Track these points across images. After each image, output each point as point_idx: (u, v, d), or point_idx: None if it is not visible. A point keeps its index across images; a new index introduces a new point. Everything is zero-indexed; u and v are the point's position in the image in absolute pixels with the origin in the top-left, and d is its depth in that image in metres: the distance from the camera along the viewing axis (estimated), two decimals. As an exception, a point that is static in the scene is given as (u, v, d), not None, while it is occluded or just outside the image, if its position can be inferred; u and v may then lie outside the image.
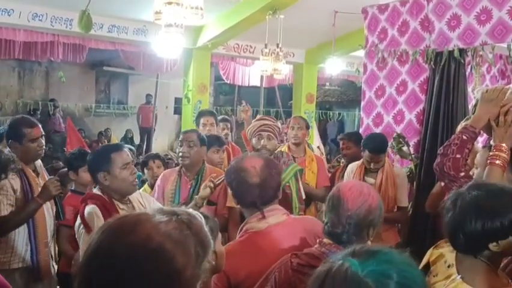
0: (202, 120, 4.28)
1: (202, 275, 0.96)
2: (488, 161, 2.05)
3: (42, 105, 11.17)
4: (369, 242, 1.66)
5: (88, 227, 2.19)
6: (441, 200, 2.84)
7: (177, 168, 3.28)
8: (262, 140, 3.17)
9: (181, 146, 3.12)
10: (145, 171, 3.99)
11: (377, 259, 0.95)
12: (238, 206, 2.14)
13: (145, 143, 12.62)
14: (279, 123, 3.38)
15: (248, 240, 1.92)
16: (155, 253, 0.89)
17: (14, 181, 2.71)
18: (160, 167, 3.89)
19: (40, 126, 2.96)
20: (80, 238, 2.25)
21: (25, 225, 2.77)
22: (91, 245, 0.93)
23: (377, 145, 3.51)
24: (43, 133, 2.98)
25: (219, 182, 2.73)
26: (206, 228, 1.01)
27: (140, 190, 3.03)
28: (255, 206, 1.92)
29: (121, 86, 13.82)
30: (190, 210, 1.03)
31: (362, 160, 3.64)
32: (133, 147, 5.22)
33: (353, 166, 3.70)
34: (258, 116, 3.55)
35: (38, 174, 2.97)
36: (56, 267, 3.03)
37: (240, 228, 2.01)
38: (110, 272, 0.88)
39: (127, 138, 12.79)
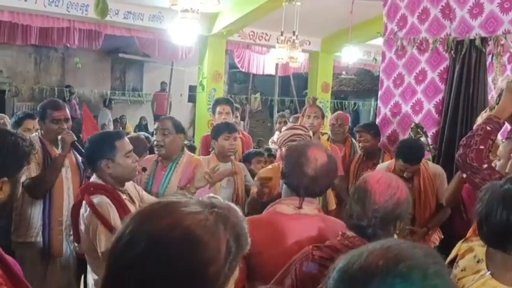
0: (218, 109, 4.25)
1: (231, 276, 0.92)
2: None
3: (58, 91, 11.24)
4: (395, 236, 1.62)
5: (103, 218, 2.17)
6: (459, 194, 2.81)
7: (155, 155, 3.21)
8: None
9: (155, 134, 3.07)
10: None
11: None
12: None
13: (159, 130, 12.66)
14: (311, 132, 3.20)
15: (272, 218, 1.92)
16: (179, 241, 0.86)
17: (37, 155, 2.85)
18: None
19: (66, 111, 3.11)
20: (93, 228, 2.19)
21: (41, 201, 2.93)
22: (122, 230, 0.92)
23: (414, 154, 3.20)
24: (67, 117, 3.08)
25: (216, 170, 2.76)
26: (245, 225, 0.96)
27: None
28: (297, 192, 1.90)
29: (136, 74, 13.84)
30: (233, 205, 0.98)
31: (390, 162, 3.48)
32: (149, 135, 5.18)
33: (382, 168, 3.51)
34: (289, 125, 3.47)
35: None
36: (73, 248, 3.05)
37: (270, 205, 2.00)
38: (134, 253, 0.86)
39: (142, 126, 12.84)
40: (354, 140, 4.40)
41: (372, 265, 0.83)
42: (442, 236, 3.46)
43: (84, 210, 2.25)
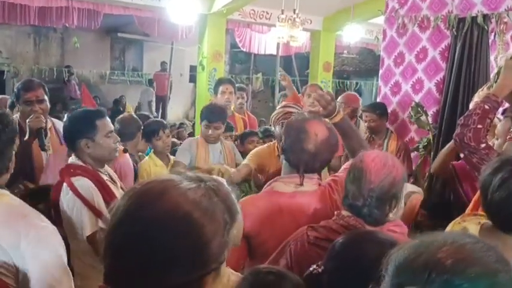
0: (221, 88, 4.22)
1: (230, 242, 0.95)
2: (509, 136, 1.97)
3: (58, 71, 11.19)
4: (390, 215, 1.61)
5: (86, 201, 2.11)
6: (448, 164, 2.78)
7: None
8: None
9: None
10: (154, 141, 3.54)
11: None
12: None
13: (160, 112, 12.63)
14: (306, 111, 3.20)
15: (269, 196, 1.91)
16: (183, 221, 0.88)
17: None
18: (169, 136, 3.60)
19: (40, 91, 2.91)
20: (76, 212, 2.13)
21: None
22: (117, 211, 0.91)
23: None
24: (40, 98, 2.90)
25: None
26: (233, 195, 0.99)
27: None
28: (297, 169, 1.88)
29: (135, 53, 13.76)
30: (216, 176, 1.02)
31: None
32: (149, 114, 5.11)
33: None
34: (283, 103, 3.42)
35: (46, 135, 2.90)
36: None
37: (269, 183, 1.99)
38: (137, 239, 0.87)
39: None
40: (361, 120, 4.34)
41: (440, 263, 0.79)
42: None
43: (65, 193, 2.17)
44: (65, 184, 2.17)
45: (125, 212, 0.90)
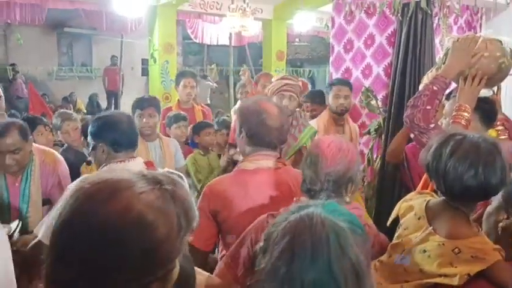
0: (183, 82, 4.12)
1: (183, 248, 0.92)
2: (452, 120, 2.05)
3: (1, 70, 10.70)
4: (347, 198, 1.64)
5: None
6: (403, 150, 2.88)
7: None
8: (284, 100, 3.00)
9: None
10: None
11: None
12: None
13: (112, 107, 12.32)
14: (300, 82, 3.18)
15: (235, 174, 1.99)
16: (134, 224, 0.83)
17: None
18: None
19: None
20: None
21: None
22: (64, 211, 0.85)
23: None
24: None
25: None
26: (192, 199, 0.94)
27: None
28: (271, 145, 1.98)
29: (84, 48, 13.35)
30: (176, 177, 0.95)
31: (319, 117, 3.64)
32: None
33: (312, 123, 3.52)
34: (280, 75, 3.39)
35: None
36: None
37: (237, 165, 2.07)
38: (84, 241, 0.82)
39: (94, 103, 12.46)
40: None
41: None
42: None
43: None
44: None
45: (71, 213, 0.85)
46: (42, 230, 2.05)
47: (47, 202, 2.73)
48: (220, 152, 3.88)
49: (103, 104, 12.66)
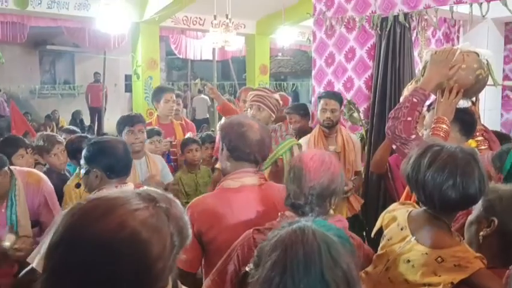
0: (165, 96, 4.07)
1: (175, 267, 0.92)
2: (431, 132, 2.09)
3: (-17, 89, 10.59)
4: (331, 211, 1.65)
5: None
6: (387, 161, 2.92)
7: None
8: (253, 110, 3.02)
9: None
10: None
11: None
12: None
13: (96, 124, 12.23)
14: (276, 95, 3.19)
15: (219, 194, 1.95)
16: (128, 241, 0.83)
17: None
18: None
19: None
20: None
21: None
22: (59, 227, 0.86)
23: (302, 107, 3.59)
24: None
25: None
26: (186, 218, 0.96)
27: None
28: (252, 160, 1.96)
29: (66, 65, 13.28)
30: (171, 196, 0.97)
31: (310, 134, 3.58)
32: (77, 129, 4.80)
33: (304, 141, 3.55)
34: (258, 87, 3.41)
35: None
36: None
37: (219, 184, 2.02)
38: (78, 258, 0.82)
39: (77, 120, 12.35)
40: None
41: None
42: (363, 201, 3.58)
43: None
44: None
45: (67, 229, 0.86)
46: (37, 258, 2.02)
47: (37, 224, 2.69)
48: (209, 166, 3.88)
49: (87, 121, 12.57)
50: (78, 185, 2.57)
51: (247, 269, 1.18)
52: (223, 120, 2.91)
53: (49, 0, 6.80)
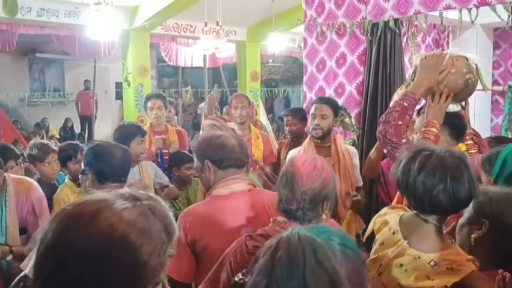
0: (149, 104, 4.07)
1: (167, 261, 0.92)
2: (421, 136, 2.10)
3: (-29, 97, 10.50)
4: (323, 216, 1.64)
5: None
6: (379, 166, 2.92)
7: None
8: None
9: None
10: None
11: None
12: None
13: (86, 132, 12.14)
14: (231, 123, 3.21)
15: (210, 202, 1.97)
16: (119, 244, 0.83)
17: None
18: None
19: None
20: None
21: None
22: (47, 236, 0.84)
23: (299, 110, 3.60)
24: None
25: None
26: (170, 214, 0.96)
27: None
28: (239, 164, 2.00)
29: (56, 73, 13.19)
30: (152, 194, 0.97)
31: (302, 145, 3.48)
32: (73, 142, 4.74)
33: (295, 152, 3.26)
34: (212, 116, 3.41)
35: None
36: None
37: (208, 193, 2.04)
38: (69, 265, 0.81)
39: (67, 128, 12.26)
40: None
41: None
42: (364, 226, 3.15)
43: None
44: None
45: (56, 236, 0.84)
46: (30, 265, 1.99)
47: (24, 231, 2.67)
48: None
49: (77, 129, 12.48)
50: (83, 171, 2.51)
51: (236, 279, 1.17)
52: (193, 141, 2.78)
53: (39, 7, 6.78)
